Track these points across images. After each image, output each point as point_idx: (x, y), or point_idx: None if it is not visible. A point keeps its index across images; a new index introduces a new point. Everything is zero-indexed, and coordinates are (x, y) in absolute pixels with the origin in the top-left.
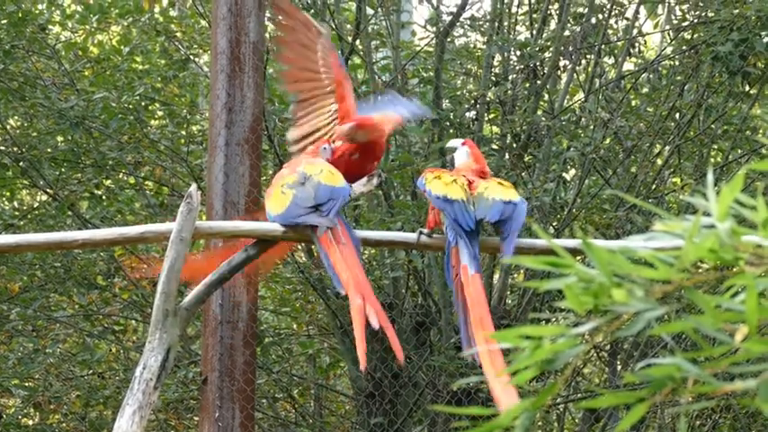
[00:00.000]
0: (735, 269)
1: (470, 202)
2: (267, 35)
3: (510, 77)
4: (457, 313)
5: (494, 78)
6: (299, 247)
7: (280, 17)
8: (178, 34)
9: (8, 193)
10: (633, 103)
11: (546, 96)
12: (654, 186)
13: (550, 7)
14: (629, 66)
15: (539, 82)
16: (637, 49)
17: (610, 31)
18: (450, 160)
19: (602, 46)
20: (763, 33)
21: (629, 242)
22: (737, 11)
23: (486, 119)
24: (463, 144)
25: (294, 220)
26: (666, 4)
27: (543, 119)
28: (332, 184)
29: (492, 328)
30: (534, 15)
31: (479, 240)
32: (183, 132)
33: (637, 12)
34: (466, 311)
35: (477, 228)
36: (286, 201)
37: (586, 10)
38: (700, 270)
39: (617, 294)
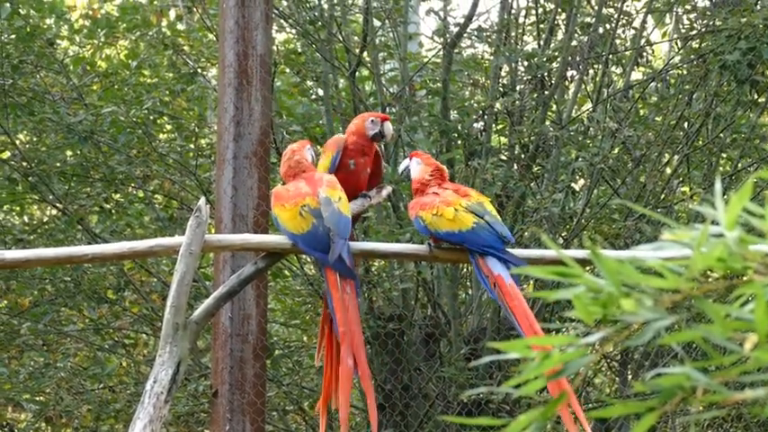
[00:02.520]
0: (744, 278)
1: (484, 216)
2: (274, 48)
3: (518, 88)
4: (508, 320)
5: (501, 89)
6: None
7: None
8: (186, 48)
9: (18, 208)
10: (641, 112)
11: (554, 106)
12: (663, 196)
13: (558, 17)
14: (637, 75)
15: (546, 92)
16: (645, 59)
17: (617, 41)
18: (407, 175)
19: (610, 56)
20: None
21: (637, 252)
22: (745, 20)
23: (494, 129)
24: (411, 157)
25: (312, 253)
26: (674, 14)
27: (551, 129)
28: (347, 214)
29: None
30: (541, 26)
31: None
32: (192, 146)
33: (644, 21)
34: (517, 319)
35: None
36: (305, 225)
37: (594, 20)
38: (709, 279)
39: (626, 304)
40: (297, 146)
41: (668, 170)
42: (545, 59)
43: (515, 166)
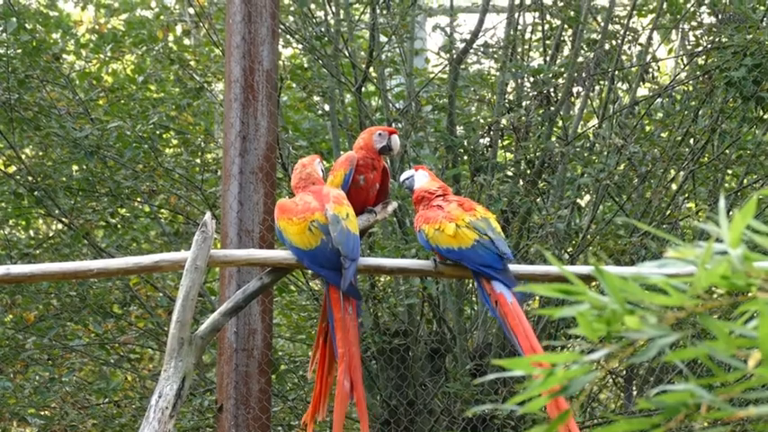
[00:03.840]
0: (748, 295)
1: (486, 233)
2: (281, 63)
3: (524, 104)
4: (509, 340)
5: (507, 105)
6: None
7: None
8: (192, 63)
9: (24, 222)
10: (647, 128)
11: (560, 122)
12: (668, 212)
13: (564, 34)
14: (643, 91)
15: (552, 108)
16: (651, 75)
17: (623, 57)
18: (409, 185)
19: (616, 72)
20: None
21: (641, 269)
22: (751, 36)
23: (500, 145)
24: (417, 169)
25: (319, 271)
26: (680, 30)
27: (557, 145)
28: (355, 232)
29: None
30: (548, 42)
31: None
32: (198, 161)
33: (650, 37)
34: (517, 338)
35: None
36: (314, 241)
37: (600, 36)
38: (713, 296)
39: (630, 321)
40: (308, 160)
41: (674, 186)
42: (551, 75)
43: (521, 182)
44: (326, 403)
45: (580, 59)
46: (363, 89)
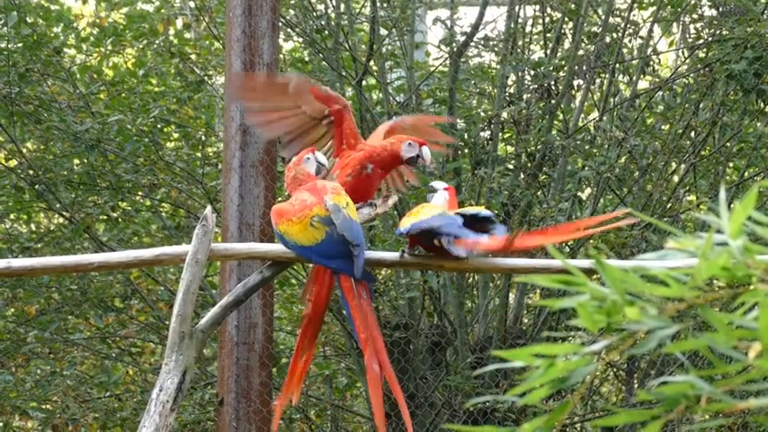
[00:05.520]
0: (748, 287)
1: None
2: (281, 57)
3: (524, 97)
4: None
5: (508, 98)
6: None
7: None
8: (193, 56)
9: (25, 216)
10: (648, 121)
11: (560, 116)
12: (669, 205)
13: (564, 26)
14: (643, 84)
15: (553, 101)
16: (651, 68)
17: (624, 50)
18: (429, 198)
19: (617, 65)
20: None
21: (642, 261)
22: (751, 29)
23: (501, 138)
24: (445, 189)
25: (328, 264)
26: (681, 23)
27: (558, 138)
28: (357, 219)
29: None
30: (548, 35)
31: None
32: (199, 154)
33: (651, 30)
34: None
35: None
36: (318, 235)
37: (600, 29)
38: (714, 288)
39: (630, 313)
40: (296, 159)
41: (675, 179)
42: (552, 68)
43: (522, 175)
44: (300, 387)
45: (581, 52)
46: (364, 82)
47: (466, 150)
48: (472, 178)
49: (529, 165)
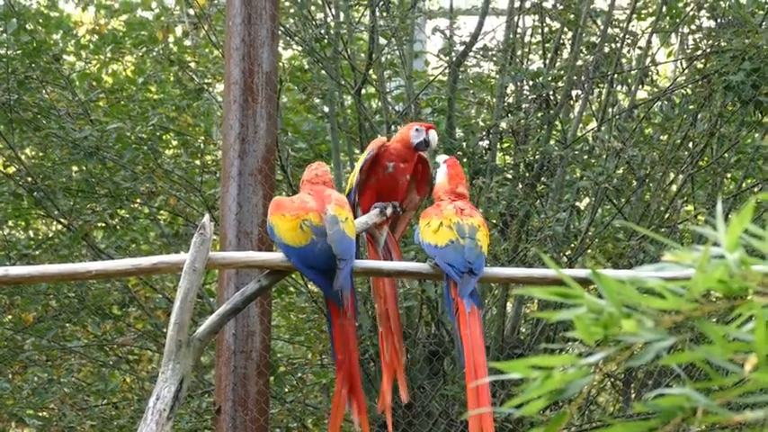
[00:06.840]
0: (745, 299)
1: (459, 239)
2: (280, 65)
3: (523, 107)
4: (457, 346)
5: (507, 108)
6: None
7: None
8: (192, 64)
9: (23, 223)
10: (646, 132)
11: (559, 126)
12: (667, 215)
13: (563, 37)
14: (642, 95)
15: (551, 111)
16: (650, 79)
17: (623, 61)
18: (433, 173)
19: (615, 75)
20: None
21: (639, 272)
22: (749, 40)
23: (499, 148)
24: (444, 162)
25: (305, 272)
26: (679, 34)
27: (556, 148)
28: (351, 236)
29: (485, 374)
30: (547, 45)
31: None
32: (197, 162)
33: (649, 41)
34: (464, 350)
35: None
36: (303, 240)
37: (599, 39)
38: (711, 300)
39: (626, 325)
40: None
41: (673, 189)
42: (550, 79)
43: (520, 185)
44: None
45: (579, 63)
46: (363, 91)
47: (464, 160)
48: (470, 187)
49: (527, 174)
